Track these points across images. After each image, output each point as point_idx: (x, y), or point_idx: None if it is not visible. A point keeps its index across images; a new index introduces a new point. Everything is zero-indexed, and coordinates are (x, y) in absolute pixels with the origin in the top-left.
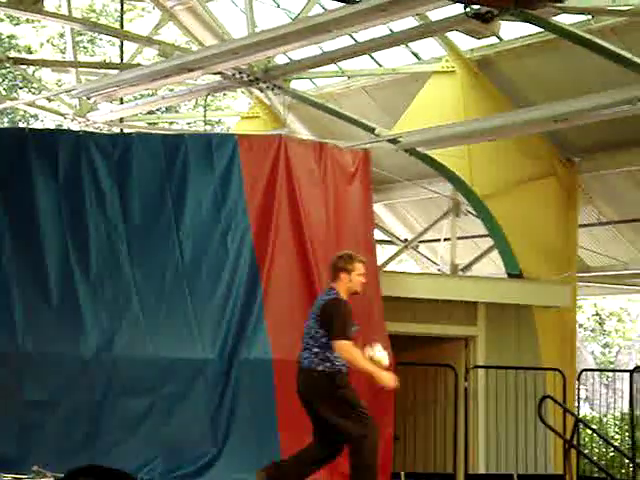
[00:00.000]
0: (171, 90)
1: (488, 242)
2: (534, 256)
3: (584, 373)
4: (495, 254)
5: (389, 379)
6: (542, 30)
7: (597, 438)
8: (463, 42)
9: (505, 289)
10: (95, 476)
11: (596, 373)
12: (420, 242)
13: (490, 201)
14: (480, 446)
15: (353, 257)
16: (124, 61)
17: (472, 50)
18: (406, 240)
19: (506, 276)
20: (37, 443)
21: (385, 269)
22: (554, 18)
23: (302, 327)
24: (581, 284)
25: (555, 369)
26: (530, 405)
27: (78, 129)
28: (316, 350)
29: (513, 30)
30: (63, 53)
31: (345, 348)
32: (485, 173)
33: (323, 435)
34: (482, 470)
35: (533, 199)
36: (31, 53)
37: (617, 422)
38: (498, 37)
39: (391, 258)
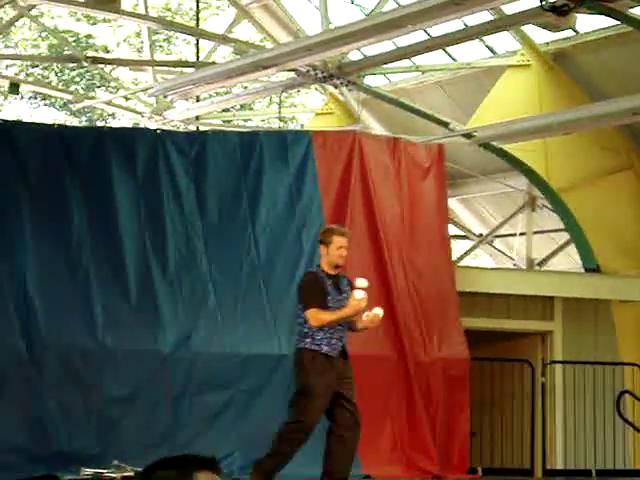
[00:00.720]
0: (245, 88)
1: (564, 236)
2: (611, 250)
3: None
4: (572, 248)
5: (353, 305)
6: (618, 22)
7: None
8: (538, 35)
9: (582, 284)
10: (174, 466)
11: None
12: (495, 237)
13: (566, 195)
14: (558, 441)
15: (333, 230)
16: (200, 59)
17: (547, 43)
18: (481, 235)
19: (583, 270)
20: (117, 438)
21: (460, 264)
22: (630, 10)
23: None
24: None
25: (634, 364)
26: (608, 400)
27: (155, 127)
28: (299, 328)
29: (589, 23)
30: (139, 52)
31: (311, 316)
32: (561, 167)
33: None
34: (560, 465)
35: (610, 192)
36: (108, 52)
37: None
38: (574, 30)
39: (466, 253)
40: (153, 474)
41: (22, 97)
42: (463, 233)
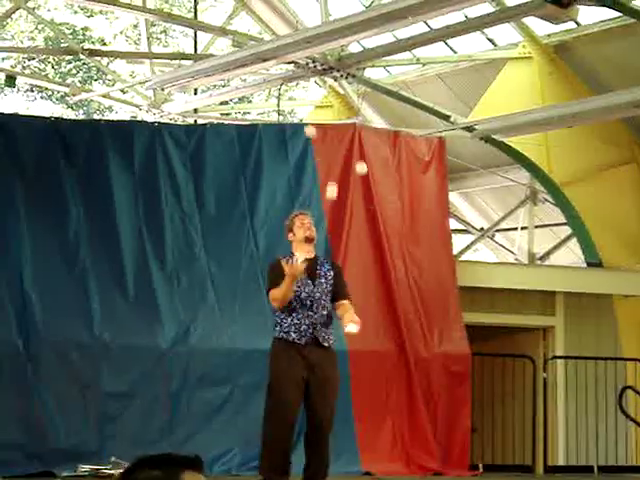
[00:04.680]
0: (244, 80)
1: (566, 230)
2: (614, 244)
3: None
4: (574, 243)
5: (288, 272)
6: (621, 14)
7: None
8: (540, 27)
9: (584, 278)
10: (158, 466)
11: None
12: (496, 231)
13: (568, 189)
14: (560, 437)
15: (291, 214)
16: (198, 52)
17: (549, 35)
18: (482, 229)
19: (585, 265)
20: (115, 434)
21: (461, 258)
22: (633, 2)
23: (376, 317)
24: None
25: (636, 359)
26: (610, 396)
27: (153, 120)
28: (273, 317)
29: (591, 15)
30: (137, 44)
31: (270, 297)
32: (563, 160)
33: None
34: (562, 462)
35: (612, 186)
36: (105, 45)
37: None
38: (576, 22)
39: (467, 247)
40: (136, 473)
41: (18, 90)
42: (464, 227)
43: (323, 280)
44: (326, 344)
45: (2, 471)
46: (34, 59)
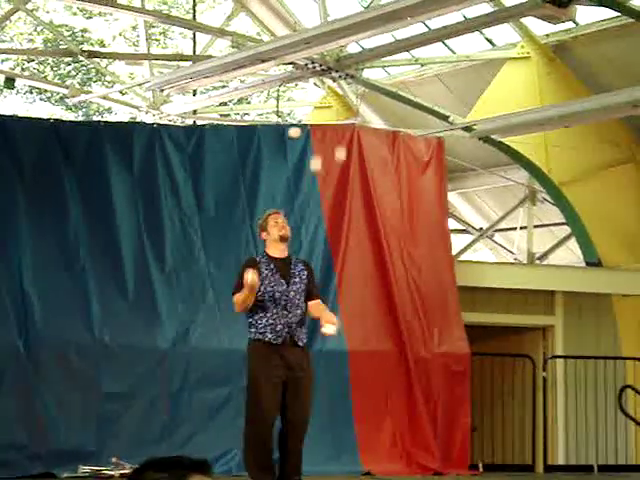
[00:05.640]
0: (243, 81)
1: (565, 230)
2: (613, 244)
3: None
4: (573, 242)
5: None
6: (619, 14)
7: None
8: (538, 27)
9: (583, 278)
10: (165, 469)
11: None
12: (495, 231)
13: (567, 188)
14: (559, 437)
15: (265, 214)
16: (197, 53)
17: (547, 35)
18: (481, 229)
19: (584, 264)
20: (115, 435)
21: (460, 258)
22: (631, 2)
23: (376, 317)
24: None
25: (635, 358)
26: (610, 395)
27: (152, 121)
28: (247, 320)
29: (589, 14)
30: (136, 46)
31: (233, 301)
32: (562, 160)
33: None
34: (561, 461)
35: (611, 186)
36: (104, 46)
37: None
38: (574, 22)
39: (466, 247)
40: (143, 476)
41: (18, 92)
42: (463, 227)
43: (297, 279)
44: (301, 343)
45: (3, 472)
46: (33, 61)
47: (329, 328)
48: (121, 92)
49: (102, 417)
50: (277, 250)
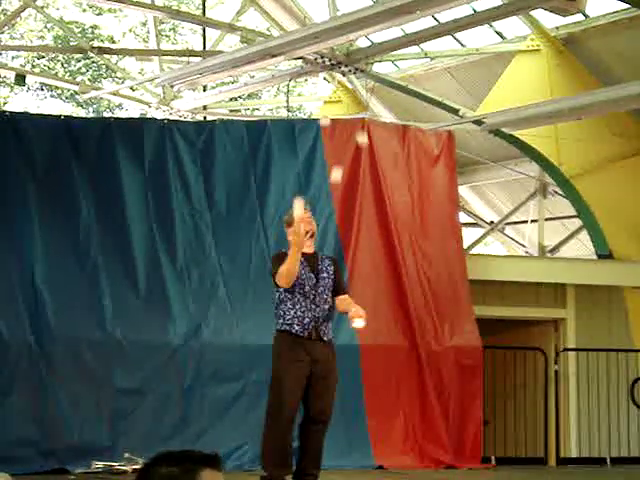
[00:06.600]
0: (253, 77)
1: (576, 223)
2: (624, 236)
3: None
4: (584, 235)
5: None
6: (629, 6)
7: None
8: (548, 20)
9: (595, 270)
10: (176, 463)
11: None
12: (506, 224)
13: (578, 181)
14: (572, 430)
15: (290, 211)
16: (206, 48)
17: (557, 28)
18: (492, 222)
19: (595, 257)
20: (128, 430)
21: (471, 252)
22: None
23: (387, 311)
24: None
25: None
26: (622, 387)
27: (162, 117)
28: (275, 311)
29: (599, 7)
30: (146, 42)
31: (277, 277)
32: (572, 153)
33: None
34: (574, 454)
35: (622, 178)
36: (114, 43)
37: None
38: (584, 14)
39: (477, 241)
40: (154, 470)
41: (28, 89)
42: (474, 221)
43: (325, 275)
44: (326, 338)
45: (16, 468)
46: (44, 58)
47: (358, 322)
48: (131, 88)
49: (115, 413)
50: (301, 244)
